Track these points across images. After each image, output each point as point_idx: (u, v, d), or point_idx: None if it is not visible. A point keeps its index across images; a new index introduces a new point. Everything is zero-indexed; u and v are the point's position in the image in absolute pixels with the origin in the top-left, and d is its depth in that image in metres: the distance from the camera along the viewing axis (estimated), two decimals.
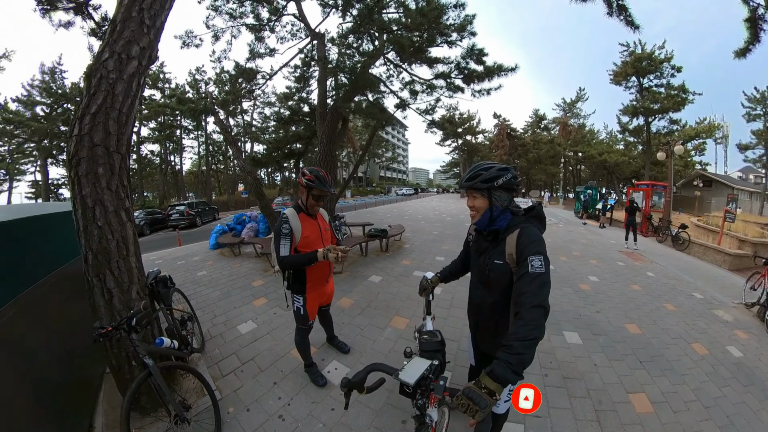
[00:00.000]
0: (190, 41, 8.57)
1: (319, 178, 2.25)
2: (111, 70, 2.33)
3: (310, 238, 2.34)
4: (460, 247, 2.15)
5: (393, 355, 3.16)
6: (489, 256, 1.53)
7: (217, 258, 7.31)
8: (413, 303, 4.33)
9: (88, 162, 2.17)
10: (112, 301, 2.39)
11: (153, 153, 32.47)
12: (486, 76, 8.52)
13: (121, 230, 2.30)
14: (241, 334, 3.56)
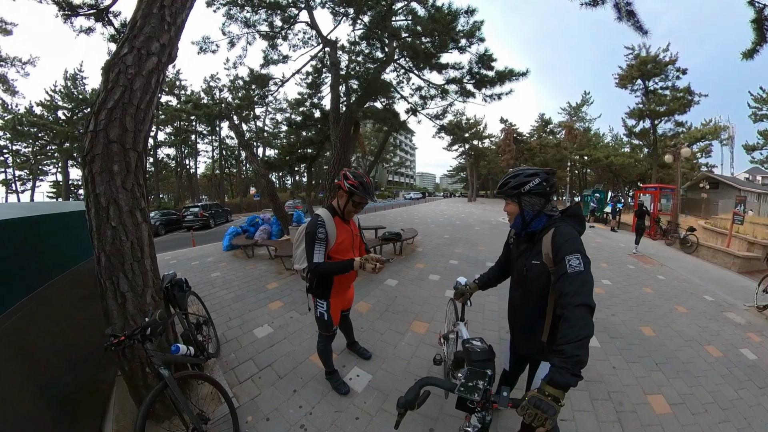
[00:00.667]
0: (207, 47, 8.59)
1: (364, 185, 2.06)
2: (130, 65, 2.19)
3: (344, 244, 2.18)
4: (472, 250, 2.02)
5: (416, 360, 2.95)
6: (526, 257, 1.52)
7: (230, 259, 7.20)
8: (431, 307, 4.13)
9: (103, 159, 2.02)
10: (126, 306, 2.23)
11: (169, 156, 32.87)
12: (498, 81, 8.34)
13: (135, 231, 2.14)
14: (258, 339, 3.38)
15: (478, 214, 18.45)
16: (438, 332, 3.37)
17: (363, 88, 7.63)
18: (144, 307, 2.28)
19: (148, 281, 2.27)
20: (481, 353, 1.52)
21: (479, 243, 8.78)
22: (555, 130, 39.41)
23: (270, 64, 9.82)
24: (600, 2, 5.22)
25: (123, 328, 2.28)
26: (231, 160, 36.12)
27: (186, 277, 5.88)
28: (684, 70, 23.23)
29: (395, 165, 67.24)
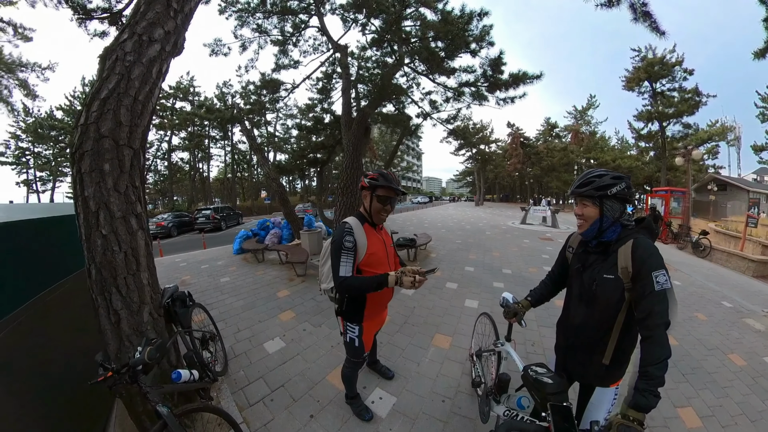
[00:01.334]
0: (218, 49, 8.42)
1: (384, 175, 1.75)
2: (128, 52, 1.89)
3: (377, 256, 1.79)
4: (486, 256, 1.71)
5: (442, 380, 2.58)
6: (596, 271, 1.34)
7: (240, 264, 6.93)
8: (452, 318, 3.75)
9: (93, 156, 1.71)
10: (120, 325, 1.92)
11: (183, 160, 33.02)
12: (512, 84, 7.97)
13: (130, 240, 1.82)
14: (269, 354, 3.03)
15: (487, 218, 18.01)
16: (467, 348, 3.01)
17: (375, 90, 7.34)
18: (141, 326, 1.97)
19: (145, 297, 1.95)
20: (557, 385, 1.31)
21: (492, 248, 8.37)
22: (561, 133, 38.71)
23: (281, 69, 9.67)
24: (615, 3, 5.07)
25: (118, 352, 1.97)
26: (243, 164, 36.20)
27: (195, 281, 5.78)
28: (691, 70, 22.69)
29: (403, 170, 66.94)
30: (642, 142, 27.82)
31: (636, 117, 25.37)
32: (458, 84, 8.56)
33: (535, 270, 6.19)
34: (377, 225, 1.86)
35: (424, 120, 10.12)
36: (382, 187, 1.74)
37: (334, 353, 2.95)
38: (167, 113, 28.98)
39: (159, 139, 30.64)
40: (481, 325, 2.61)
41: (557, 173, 35.32)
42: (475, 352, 2.41)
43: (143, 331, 1.98)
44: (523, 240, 10.12)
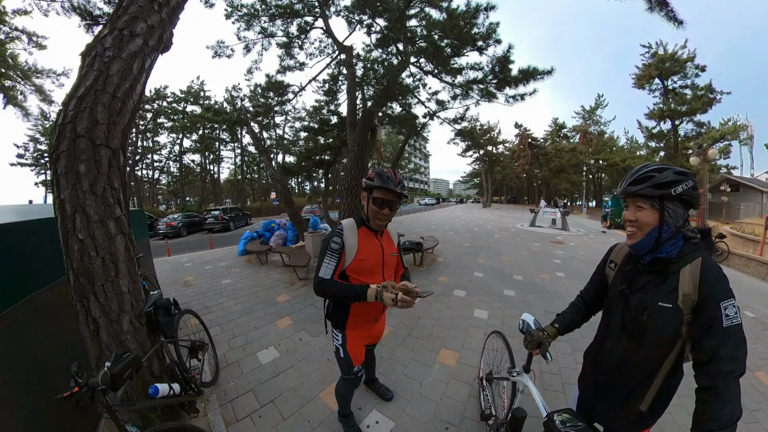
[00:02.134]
0: (222, 51, 8.40)
1: (381, 174, 1.55)
2: (108, 47, 1.78)
3: (368, 263, 1.62)
4: (496, 260, 1.49)
5: (447, 403, 2.37)
6: (649, 296, 1.06)
7: (243, 265, 6.85)
8: (460, 331, 3.52)
9: (68, 157, 1.59)
10: (99, 334, 1.80)
11: (194, 162, 33.50)
12: (522, 80, 7.71)
13: (108, 245, 1.70)
14: (261, 365, 2.89)
15: (495, 221, 17.66)
16: (475, 367, 2.78)
17: (381, 90, 7.21)
18: (120, 335, 1.85)
19: (125, 305, 1.82)
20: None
21: (502, 252, 8.11)
22: (569, 134, 37.94)
23: (286, 70, 9.65)
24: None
25: (98, 360, 1.86)
26: (253, 166, 36.56)
27: (197, 282, 5.72)
28: (703, 67, 21.88)
29: (410, 171, 66.72)
30: (653, 142, 26.91)
31: (647, 115, 24.60)
32: (466, 82, 8.36)
33: (547, 276, 5.92)
34: (378, 230, 1.68)
35: (431, 119, 9.95)
36: (378, 188, 1.54)
37: (330, 368, 2.77)
38: (179, 116, 29.43)
39: (171, 142, 31.19)
40: (492, 343, 2.36)
41: (566, 174, 34.66)
42: (485, 376, 2.17)
43: (123, 341, 1.86)
44: (533, 243, 9.83)
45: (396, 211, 1.62)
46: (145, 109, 28.27)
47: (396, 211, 1.63)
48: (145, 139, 29.82)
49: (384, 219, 1.60)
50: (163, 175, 33.41)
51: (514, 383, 1.71)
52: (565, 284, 5.44)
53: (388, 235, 1.80)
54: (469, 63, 8.07)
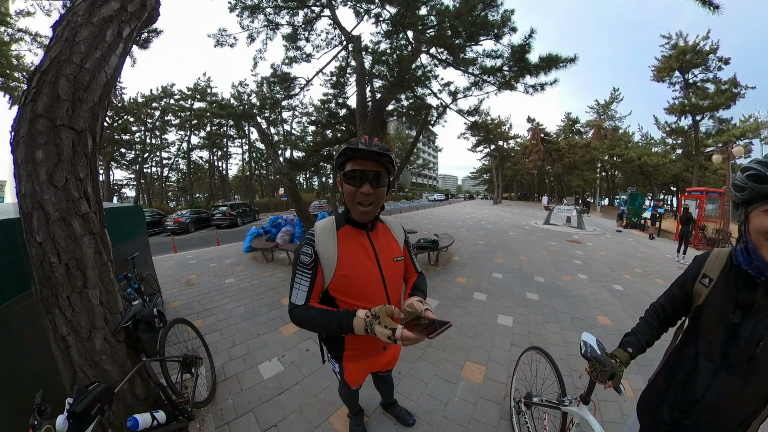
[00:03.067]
0: (224, 40, 8.12)
1: (352, 143, 1.05)
2: (77, 13, 1.46)
3: (353, 277, 1.13)
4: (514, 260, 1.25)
5: (475, 427, 2.03)
6: (765, 322, 0.85)
7: (248, 263, 6.63)
8: (484, 341, 3.17)
9: (25, 142, 1.29)
10: (70, 353, 1.51)
11: (202, 159, 33.65)
12: (543, 69, 7.22)
13: (72, 249, 1.39)
14: (263, 380, 2.58)
15: (508, 218, 17.15)
16: (504, 383, 2.46)
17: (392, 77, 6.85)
18: (94, 355, 1.56)
19: (97, 320, 1.53)
20: None
21: (519, 251, 7.71)
22: (582, 129, 36.72)
23: (293, 62, 9.35)
24: None
25: (72, 383, 1.58)
26: (261, 162, 36.55)
27: (200, 281, 5.48)
28: (727, 59, 20.41)
29: (419, 167, 66.09)
30: (671, 138, 25.67)
31: (667, 110, 23.24)
32: (481, 70, 7.93)
33: (569, 278, 5.53)
34: (368, 225, 1.20)
35: (443, 111, 9.56)
36: (347, 159, 1.08)
37: None
38: (186, 114, 29.49)
39: (179, 139, 31.33)
40: (529, 359, 2.04)
41: (579, 171, 33.52)
42: (524, 398, 1.85)
43: (97, 362, 1.57)
44: (550, 242, 9.38)
45: (385, 187, 1.12)
46: (153, 107, 28.37)
47: (384, 190, 1.12)
48: (153, 136, 29.97)
49: (366, 201, 1.09)
50: (172, 172, 33.65)
51: (565, 414, 1.40)
52: (588, 287, 5.07)
53: (387, 232, 1.29)
54: (486, 50, 7.66)
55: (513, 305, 4.13)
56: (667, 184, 27.56)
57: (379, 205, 1.15)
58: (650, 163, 24.32)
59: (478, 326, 3.49)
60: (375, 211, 1.15)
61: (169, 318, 2.16)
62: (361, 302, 1.12)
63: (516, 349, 2.97)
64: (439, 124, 10.74)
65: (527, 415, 1.81)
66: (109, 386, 1.32)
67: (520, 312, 3.92)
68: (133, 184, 30.25)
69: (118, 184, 29.18)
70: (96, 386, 1.26)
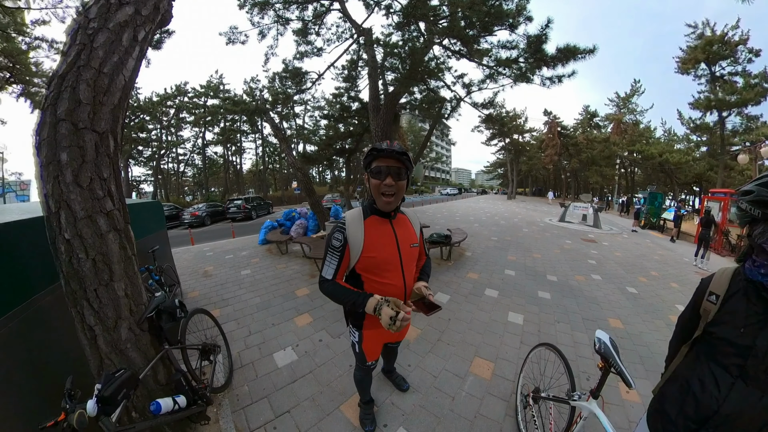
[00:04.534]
0: (235, 38, 8.19)
1: (375, 145, 1.30)
2: (92, 19, 1.52)
3: (378, 257, 1.39)
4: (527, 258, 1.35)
5: (481, 423, 2.07)
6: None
7: (263, 255, 6.77)
8: (494, 338, 3.18)
9: (49, 145, 1.37)
10: (97, 342, 1.61)
11: (217, 154, 34.33)
12: (561, 60, 6.99)
13: (99, 245, 1.48)
14: (278, 368, 2.69)
15: (522, 214, 16.84)
16: (511, 380, 2.47)
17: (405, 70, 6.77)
18: (119, 344, 1.65)
19: (122, 311, 1.62)
20: None
21: (532, 249, 7.58)
22: (601, 123, 35.16)
23: (304, 57, 9.35)
24: None
25: (99, 370, 1.68)
26: (274, 156, 37.03)
27: (217, 272, 5.66)
28: (757, 51, 18.75)
29: (431, 160, 65.46)
30: (695, 135, 24.00)
31: (691, 105, 21.60)
32: (496, 62, 7.73)
33: (583, 278, 5.41)
34: (391, 213, 1.44)
35: (457, 104, 9.40)
36: (373, 158, 1.32)
37: (352, 376, 2.53)
38: (200, 111, 30.10)
39: (194, 136, 32.08)
40: (539, 356, 2.06)
41: (597, 167, 32.10)
42: (532, 393, 1.87)
43: (123, 350, 1.67)
44: (565, 240, 9.17)
45: (404, 183, 1.34)
46: (168, 106, 29.05)
47: (404, 183, 1.35)
48: (169, 133, 30.78)
49: (389, 191, 1.32)
50: (188, 168, 34.53)
51: (574, 408, 1.42)
52: (602, 288, 4.96)
53: (407, 222, 1.53)
54: (500, 41, 7.45)
55: (524, 303, 4.11)
56: (690, 183, 26.12)
57: (399, 197, 1.37)
58: (672, 160, 22.86)
59: (489, 323, 3.49)
60: (396, 202, 1.37)
61: (189, 308, 2.28)
62: (382, 279, 1.42)
63: (525, 347, 2.97)
64: (453, 118, 10.63)
65: (534, 409, 1.83)
66: (134, 373, 1.41)
67: (531, 310, 3.90)
68: (150, 179, 31.21)
69: (137, 181, 30.15)
70: (122, 373, 1.34)
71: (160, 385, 1.88)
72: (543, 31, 6.62)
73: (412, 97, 9.57)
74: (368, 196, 1.45)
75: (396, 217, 1.47)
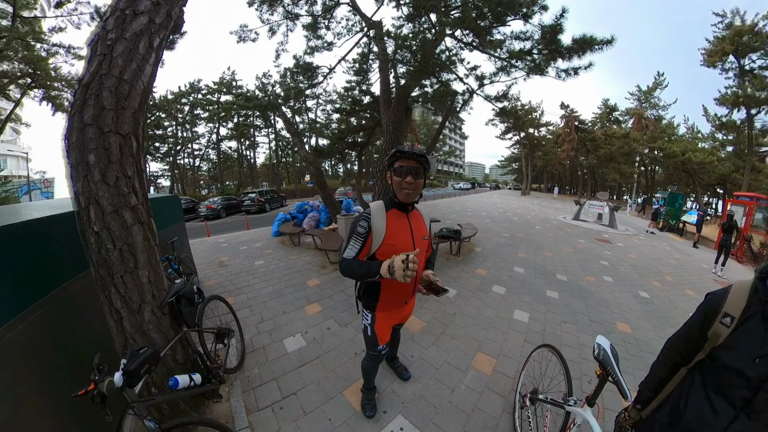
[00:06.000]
0: (245, 36, 8.28)
1: (399, 148, 1.51)
2: (110, 30, 1.65)
3: (396, 246, 1.58)
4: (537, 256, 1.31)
5: (478, 416, 2.15)
6: None
7: (276, 246, 6.97)
8: (498, 334, 3.24)
9: (78, 148, 1.52)
10: (123, 324, 1.78)
11: (231, 149, 35.11)
12: (577, 51, 6.79)
13: (125, 236, 1.63)
14: (287, 353, 2.84)
15: (535, 211, 16.56)
16: (512, 377, 2.52)
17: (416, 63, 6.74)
18: (143, 326, 1.82)
19: (146, 296, 1.78)
20: None
21: (544, 247, 7.49)
22: (621, 118, 33.41)
23: (314, 51, 9.38)
24: None
25: (124, 348, 1.86)
26: (287, 150, 37.51)
27: (232, 262, 5.90)
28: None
29: (445, 154, 64.76)
30: (721, 134, 22.47)
31: (717, 101, 19.98)
32: (509, 54, 7.58)
33: (593, 279, 5.34)
34: (408, 207, 1.64)
35: (470, 97, 9.27)
36: (396, 158, 1.52)
37: (357, 363, 2.65)
38: (214, 107, 30.70)
39: (209, 131, 32.88)
40: (540, 356, 2.10)
41: (616, 164, 30.42)
42: (530, 394, 1.92)
43: (145, 331, 1.84)
44: (578, 240, 8.98)
45: (422, 180, 1.54)
46: (183, 103, 29.82)
47: (422, 181, 1.55)
48: (184, 130, 31.62)
49: (409, 188, 1.52)
50: (204, 162, 35.41)
51: (569, 413, 1.45)
52: (612, 291, 4.87)
53: (420, 217, 1.74)
54: (514, 32, 7.28)
55: (531, 301, 4.12)
56: (713, 185, 24.30)
57: (417, 193, 1.56)
58: (695, 160, 21.35)
59: (494, 319, 3.55)
60: (415, 196, 1.57)
61: (206, 295, 2.44)
62: None
63: (529, 346, 3.00)
64: (465, 111, 10.50)
65: (530, 410, 1.86)
66: (155, 351, 1.56)
67: (538, 309, 3.91)
68: (167, 174, 32.18)
69: (154, 176, 31.11)
70: (145, 350, 1.49)
71: (178, 363, 2.05)
72: (558, 21, 6.42)
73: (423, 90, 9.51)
74: (389, 192, 1.62)
75: (412, 211, 1.67)
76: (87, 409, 1.31)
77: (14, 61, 13.20)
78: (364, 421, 2.08)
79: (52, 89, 14.98)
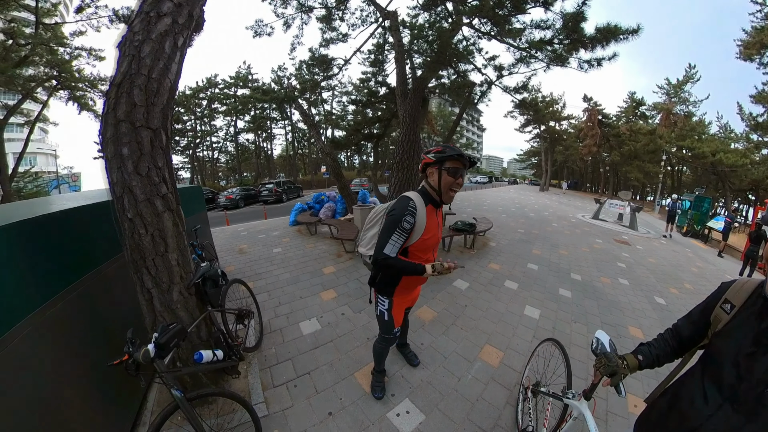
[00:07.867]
0: (261, 30, 8.35)
1: (449, 146, 1.58)
2: (137, 32, 1.77)
3: (430, 241, 1.70)
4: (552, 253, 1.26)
5: (481, 405, 2.21)
6: None
7: (294, 235, 7.15)
8: (507, 328, 3.27)
9: (113, 142, 1.66)
10: (153, 302, 1.94)
11: (248, 141, 35.82)
12: (600, 41, 6.47)
13: (156, 222, 1.77)
14: (302, 335, 2.99)
15: (553, 207, 16.13)
16: (518, 371, 2.56)
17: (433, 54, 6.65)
18: (171, 304, 1.97)
19: (174, 277, 1.93)
20: None
21: (560, 245, 7.34)
22: (648, 113, 30.81)
23: (329, 43, 9.35)
24: None
25: (153, 325, 2.02)
26: (303, 141, 37.92)
27: (251, 250, 6.13)
28: None
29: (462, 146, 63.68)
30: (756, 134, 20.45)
31: (753, 98, 18.39)
32: (531, 42, 7.32)
33: (608, 281, 5.18)
34: (442, 204, 1.70)
35: (488, 88, 9.06)
36: (450, 158, 1.55)
37: (368, 347, 2.75)
38: (231, 101, 31.24)
39: (226, 125, 33.65)
40: (545, 351, 2.13)
41: (640, 162, 28.30)
42: (532, 386, 1.95)
43: (173, 309, 1.99)
44: (595, 239, 8.68)
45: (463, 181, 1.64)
46: (201, 98, 30.60)
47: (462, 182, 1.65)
48: (203, 123, 32.48)
49: (458, 189, 1.61)
50: (222, 155, 36.42)
51: (566, 406, 1.49)
52: (627, 294, 4.69)
53: (440, 212, 1.81)
54: (534, 20, 7.02)
55: (543, 299, 4.10)
56: (744, 190, 22.38)
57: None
58: (726, 161, 19.45)
59: (504, 313, 3.58)
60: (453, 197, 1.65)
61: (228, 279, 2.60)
62: (424, 255, 1.73)
63: (537, 342, 2.99)
64: (483, 102, 10.29)
65: (532, 402, 1.89)
66: (183, 327, 1.70)
67: (549, 306, 3.88)
68: (187, 167, 33.33)
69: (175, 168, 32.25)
70: (174, 326, 1.64)
71: (201, 340, 2.20)
72: (580, 9, 6.14)
73: (440, 81, 9.35)
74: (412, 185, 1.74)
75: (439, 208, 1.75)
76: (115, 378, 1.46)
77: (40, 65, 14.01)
78: (372, 402, 2.19)
79: (77, 90, 15.80)
